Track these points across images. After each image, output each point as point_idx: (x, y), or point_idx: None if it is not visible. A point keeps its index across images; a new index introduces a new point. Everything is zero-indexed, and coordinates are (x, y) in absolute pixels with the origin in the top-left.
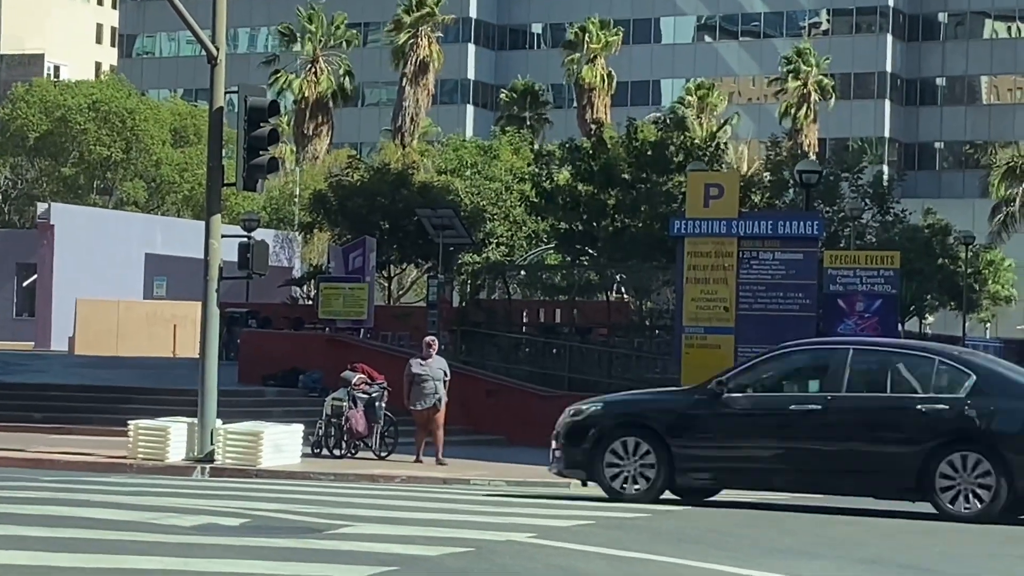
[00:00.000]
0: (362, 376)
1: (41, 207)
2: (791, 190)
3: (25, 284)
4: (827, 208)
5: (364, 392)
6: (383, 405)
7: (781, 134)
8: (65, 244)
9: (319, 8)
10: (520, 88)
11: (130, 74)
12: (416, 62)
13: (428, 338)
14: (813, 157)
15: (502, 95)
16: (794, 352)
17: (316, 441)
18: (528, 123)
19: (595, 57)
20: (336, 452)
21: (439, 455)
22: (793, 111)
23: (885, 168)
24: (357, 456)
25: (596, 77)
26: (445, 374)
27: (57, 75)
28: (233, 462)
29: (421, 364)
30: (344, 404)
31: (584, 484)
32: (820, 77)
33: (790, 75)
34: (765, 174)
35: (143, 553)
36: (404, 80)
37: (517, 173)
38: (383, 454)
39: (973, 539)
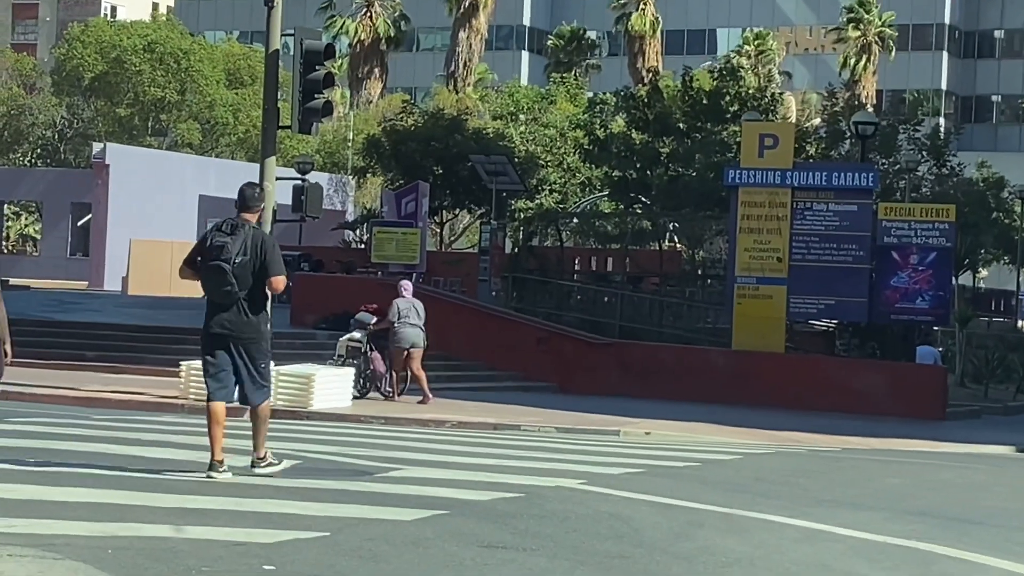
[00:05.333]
0: (376, 317)
1: (96, 147)
2: (847, 141)
3: (80, 224)
4: (883, 160)
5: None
6: None
7: (839, 84)
8: (120, 184)
9: None
10: (567, 34)
11: (186, 15)
12: (468, 6)
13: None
14: (870, 108)
15: (549, 41)
16: None
17: None
18: (574, 71)
19: (644, 4)
20: (353, 393)
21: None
22: (853, 62)
23: (942, 121)
24: (368, 397)
25: (645, 24)
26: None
27: (114, 15)
28: (284, 404)
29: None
30: (362, 346)
31: None
32: (882, 28)
33: (851, 25)
34: (815, 121)
35: (194, 492)
36: (457, 25)
37: (572, 120)
38: (387, 395)
39: None
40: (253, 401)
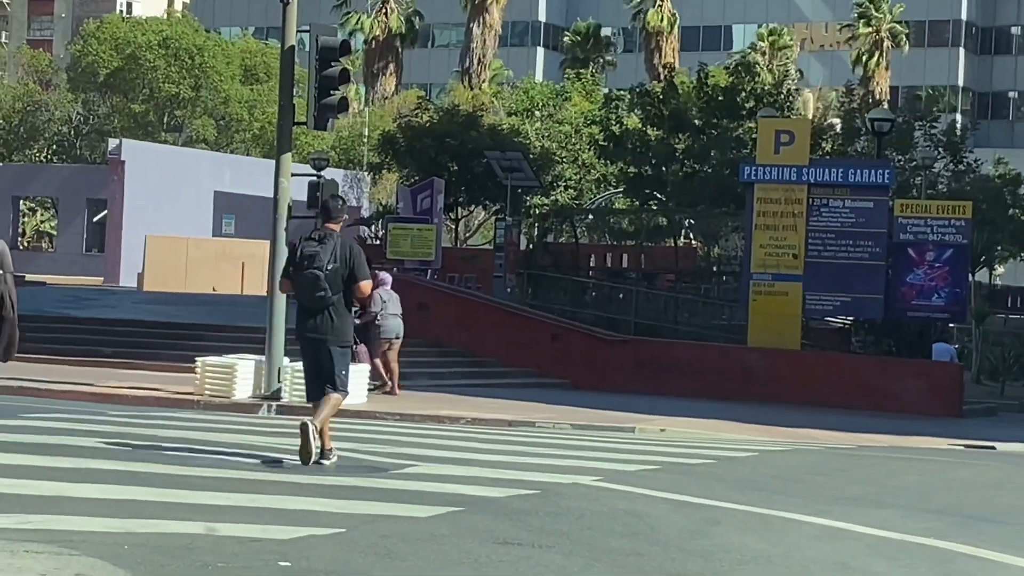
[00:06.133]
0: (358, 309)
1: (112, 143)
2: (863, 138)
3: (95, 220)
4: (899, 157)
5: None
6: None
7: (854, 81)
8: (135, 180)
9: None
10: (583, 30)
11: (202, 12)
12: (481, 0)
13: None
14: (885, 105)
15: (565, 37)
16: None
17: None
18: (590, 67)
19: (660, 0)
20: None
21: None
22: (864, 58)
23: (958, 117)
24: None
25: (662, 21)
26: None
27: (129, 12)
28: (300, 400)
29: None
30: None
31: None
32: (892, 24)
33: (861, 22)
34: (835, 120)
35: (210, 489)
36: (471, 21)
37: (588, 116)
38: (372, 388)
39: None
40: (328, 390)
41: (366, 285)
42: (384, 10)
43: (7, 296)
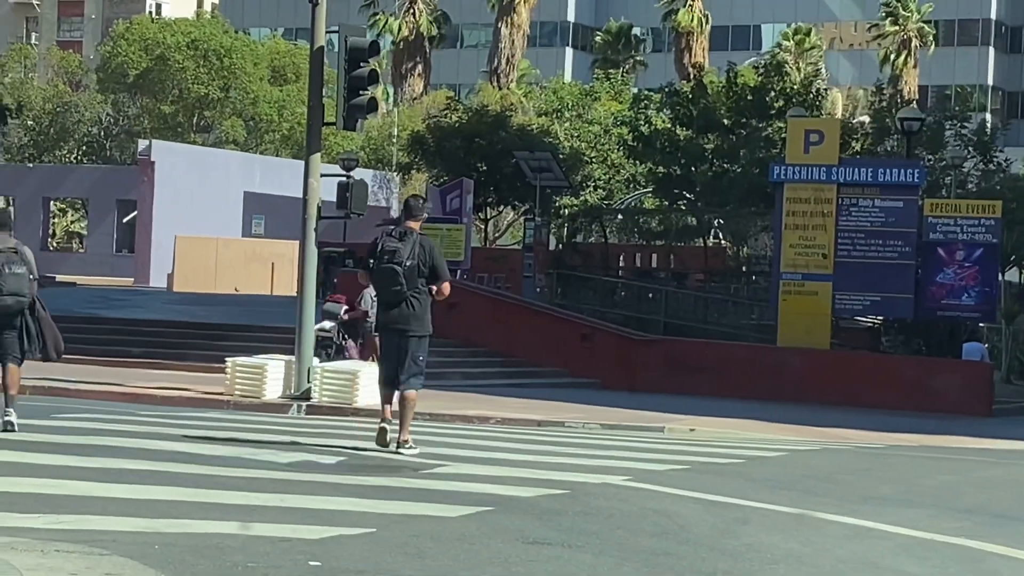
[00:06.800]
0: (346, 307)
1: (142, 144)
2: (892, 137)
3: (125, 220)
4: (929, 156)
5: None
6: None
7: (882, 80)
8: (165, 181)
9: None
10: (614, 30)
11: (231, 12)
12: (510, 2)
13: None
14: (913, 104)
15: (597, 37)
16: None
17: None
18: (621, 66)
19: (692, 0)
20: None
21: None
22: (892, 57)
23: (988, 116)
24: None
25: (693, 20)
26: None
27: (158, 13)
28: (329, 400)
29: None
30: (333, 335)
31: None
32: (920, 24)
33: (888, 20)
34: (864, 119)
35: (240, 488)
36: (499, 21)
37: (617, 116)
38: None
39: None
40: (404, 387)
41: (447, 286)
42: (412, 11)
43: (37, 299)
